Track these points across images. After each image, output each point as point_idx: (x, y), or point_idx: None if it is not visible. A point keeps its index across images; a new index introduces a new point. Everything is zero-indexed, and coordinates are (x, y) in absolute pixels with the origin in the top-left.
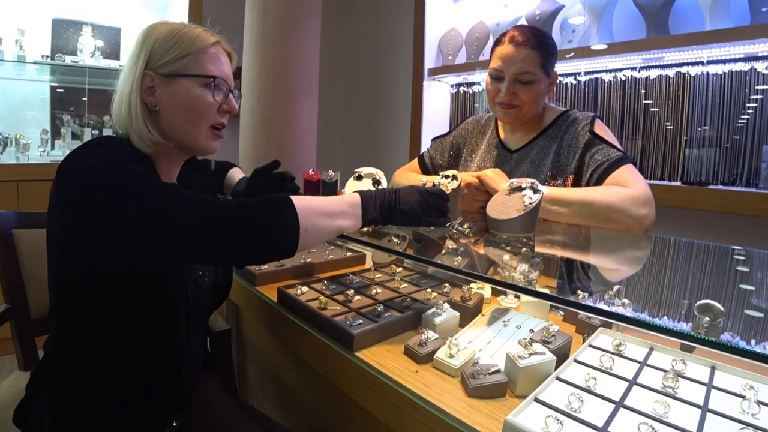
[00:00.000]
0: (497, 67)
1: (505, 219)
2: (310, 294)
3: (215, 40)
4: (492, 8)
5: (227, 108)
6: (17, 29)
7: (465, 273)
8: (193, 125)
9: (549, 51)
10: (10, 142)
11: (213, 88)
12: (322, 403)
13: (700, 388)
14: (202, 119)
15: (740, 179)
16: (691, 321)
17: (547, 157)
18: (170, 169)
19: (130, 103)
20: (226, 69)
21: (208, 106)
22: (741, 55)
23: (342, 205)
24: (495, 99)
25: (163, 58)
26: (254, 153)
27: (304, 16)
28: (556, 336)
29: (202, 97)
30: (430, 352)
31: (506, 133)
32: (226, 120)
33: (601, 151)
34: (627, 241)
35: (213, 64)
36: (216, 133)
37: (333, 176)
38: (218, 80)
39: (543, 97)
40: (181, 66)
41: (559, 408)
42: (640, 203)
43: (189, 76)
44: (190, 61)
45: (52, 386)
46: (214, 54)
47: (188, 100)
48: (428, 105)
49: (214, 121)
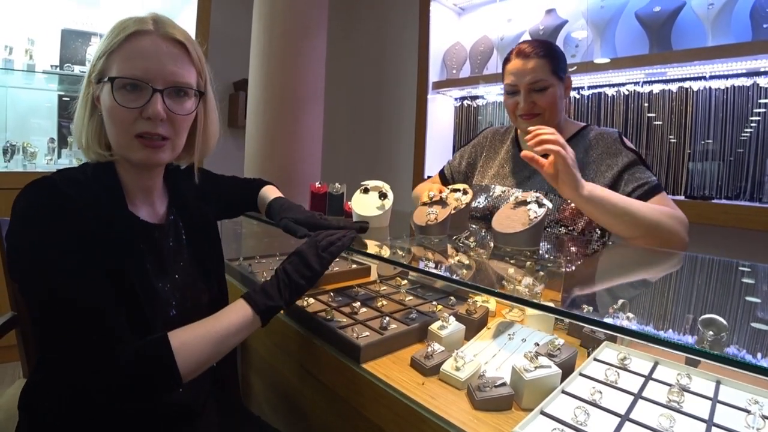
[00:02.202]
0: (510, 83)
1: (511, 233)
2: (316, 305)
3: (138, 29)
4: (496, 23)
5: (146, 114)
6: (27, 39)
7: (470, 286)
8: (114, 134)
9: (556, 57)
10: (18, 150)
11: (113, 90)
12: (328, 415)
13: (705, 402)
14: (119, 129)
15: (744, 193)
16: (696, 335)
17: None
18: (139, 182)
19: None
20: (154, 64)
21: (120, 113)
22: (743, 70)
23: (228, 319)
24: (515, 112)
25: (93, 61)
26: (259, 164)
27: (309, 29)
28: (561, 349)
29: (112, 102)
30: (436, 364)
31: (526, 144)
32: (162, 130)
33: (641, 171)
34: (631, 255)
35: (127, 61)
36: (145, 143)
37: (339, 189)
38: (120, 80)
39: (561, 101)
40: (101, 69)
41: (565, 421)
42: (681, 226)
43: (102, 80)
44: (106, 62)
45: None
46: (132, 48)
47: (106, 108)
48: (432, 118)
49: (138, 129)
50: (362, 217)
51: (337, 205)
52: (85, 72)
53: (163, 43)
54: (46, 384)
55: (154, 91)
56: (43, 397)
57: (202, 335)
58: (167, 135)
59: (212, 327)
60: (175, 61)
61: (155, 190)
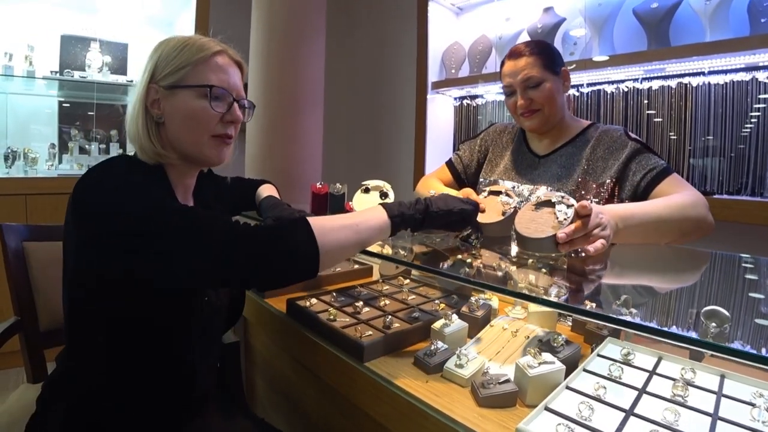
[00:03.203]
0: (506, 83)
1: (541, 237)
2: (319, 306)
3: (219, 49)
4: (494, 22)
5: (230, 118)
6: (27, 45)
7: (475, 283)
8: (194, 135)
9: (547, 53)
10: (19, 156)
11: (210, 97)
12: (332, 415)
13: (709, 396)
14: (202, 129)
15: (745, 188)
16: (699, 328)
17: (578, 163)
18: (183, 181)
19: (136, 115)
20: (231, 79)
21: (208, 117)
22: (742, 65)
23: (365, 215)
24: (516, 111)
25: (165, 71)
26: (260, 166)
27: (308, 31)
28: (564, 346)
29: (201, 107)
30: (439, 362)
31: (533, 140)
32: (232, 130)
33: (648, 158)
34: (635, 251)
35: (214, 74)
36: (222, 142)
37: (340, 189)
38: (216, 90)
39: (560, 95)
40: (180, 77)
41: (570, 416)
42: (703, 209)
43: (187, 86)
44: (188, 71)
45: (62, 400)
46: (216, 64)
47: (187, 111)
48: (432, 118)
49: (216, 131)
50: None
51: (338, 205)
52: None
53: (233, 62)
54: (70, 381)
55: (234, 101)
56: (64, 395)
57: (339, 220)
58: (233, 136)
59: (348, 217)
60: (239, 78)
61: (191, 188)
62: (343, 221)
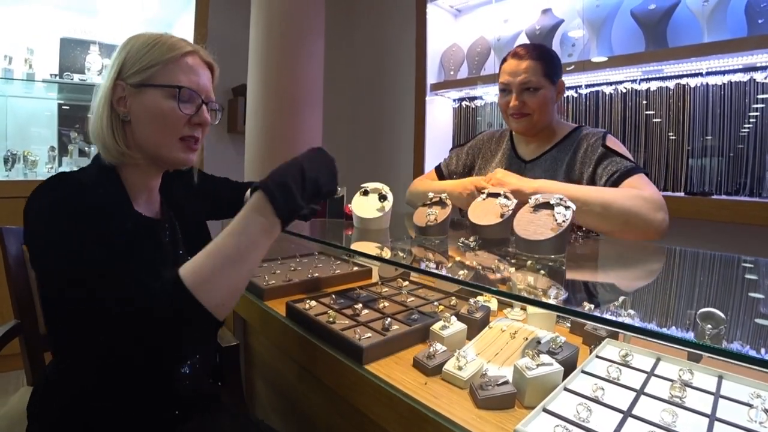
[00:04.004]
0: (504, 81)
1: (540, 239)
2: (318, 308)
3: (190, 49)
4: (492, 23)
5: (198, 121)
6: (27, 48)
7: (473, 285)
8: (161, 136)
9: (550, 61)
10: (19, 159)
11: (179, 99)
12: (331, 417)
13: (707, 397)
14: (169, 131)
15: (744, 189)
16: (695, 330)
17: (560, 168)
18: (147, 182)
19: (100, 112)
20: (201, 80)
21: (176, 118)
22: (739, 66)
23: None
24: (507, 111)
25: (133, 68)
26: (259, 168)
27: (307, 33)
28: (563, 347)
29: (169, 108)
30: (438, 364)
31: (521, 145)
32: (200, 133)
33: (614, 162)
34: (633, 251)
35: (184, 75)
36: (188, 145)
37: (339, 191)
38: (186, 91)
39: (551, 104)
40: (149, 75)
41: (568, 418)
42: (655, 207)
43: (156, 86)
44: (158, 70)
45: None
46: (187, 64)
47: (155, 111)
48: (431, 119)
49: (184, 133)
50: (363, 219)
51: (337, 207)
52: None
53: (204, 64)
54: (60, 384)
55: (202, 103)
56: (56, 398)
57: (217, 256)
58: (201, 138)
59: (226, 245)
60: (209, 80)
61: (156, 188)
62: (223, 253)
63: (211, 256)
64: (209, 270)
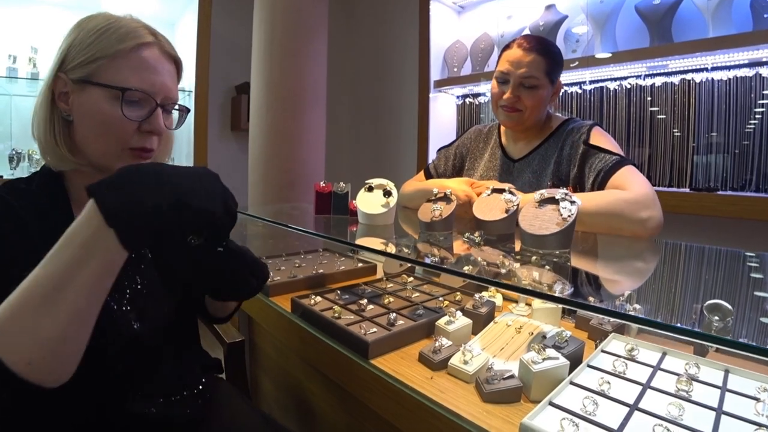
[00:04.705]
0: (504, 70)
1: (545, 234)
2: (323, 303)
3: (147, 40)
4: (496, 20)
5: (148, 128)
6: (30, 47)
7: (479, 279)
8: (103, 144)
9: (555, 59)
10: (23, 158)
11: (123, 101)
12: (337, 412)
13: (714, 391)
14: (113, 139)
15: (749, 185)
16: (702, 322)
17: (548, 166)
18: None
19: (38, 108)
20: (159, 78)
21: (121, 125)
22: (745, 60)
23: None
24: (498, 102)
25: (76, 59)
26: (264, 167)
27: (310, 31)
28: (568, 341)
29: (112, 112)
30: (444, 358)
31: (509, 142)
32: (154, 143)
33: (599, 158)
34: (639, 247)
35: (134, 72)
36: (138, 157)
37: (344, 188)
38: (133, 93)
39: (545, 104)
40: (91, 71)
41: (575, 411)
42: (639, 206)
43: (98, 84)
44: (103, 65)
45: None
46: (140, 59)
47: (97, 115)
48: (434, 116)
49: (132, 144)
50: (367, 215)
51: (341, 204)
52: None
53: (163, 58)
54: None
55: (156, 106)
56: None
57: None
58: (155, 148)
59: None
60: (172, 77)
61: None
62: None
63: (19, 292)
64: (10, 313)
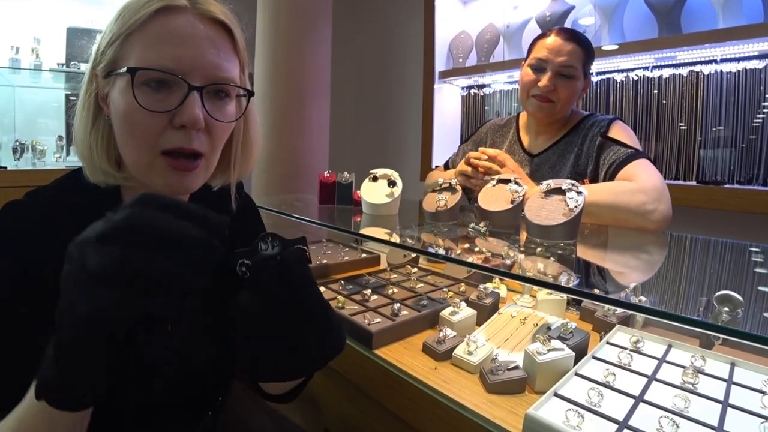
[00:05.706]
0: (542, 57)
1: (552, 225)
2: (327, 294)
3: (169, 4)
4: (501, 10)
5: (180, 121)
6: (33, 38)
7: (484, 269)
8: (131, 148)
9: (590, 53)
10: (27, 149)
11: (133, 86)
12: (340, 402)
13: (720, 383)
14: (138, 140)
15: (756, 178)
16: (711, 314)
17: (567, 162)
18: None
19: (80, 114)
20: (188, 52)
21: (141, 119)
22: (755, 52)
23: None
24: (530, 91)
25: (101, 49)
26: (268, 157)
27: (314, 22)
28: (573, 333)
29: (127, 104)
30: (448, 349)
31: (529, 137)
32: (195, 142)
33: (613, 151)
34: (645, 239)
35: (151, 47)
36: (173, 164)
37: (348, 178)
38: (144, 72)
39: (576, 98)
40: (112, 57)
41: (579, 402)
42: (644, 198)
43: (114, 74)
44: (119, 48)
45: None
46: (159, 28)
47: (118, 111)
48: (439, 107)
49: (164, 145)
50: (372, 205)
51: (346, 193)
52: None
53: (201, 24)
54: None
55: (190, 89)
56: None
57: None
58: (202, 151)
59: None
60: (218, 49)
61: None
62: None
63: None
64: None
